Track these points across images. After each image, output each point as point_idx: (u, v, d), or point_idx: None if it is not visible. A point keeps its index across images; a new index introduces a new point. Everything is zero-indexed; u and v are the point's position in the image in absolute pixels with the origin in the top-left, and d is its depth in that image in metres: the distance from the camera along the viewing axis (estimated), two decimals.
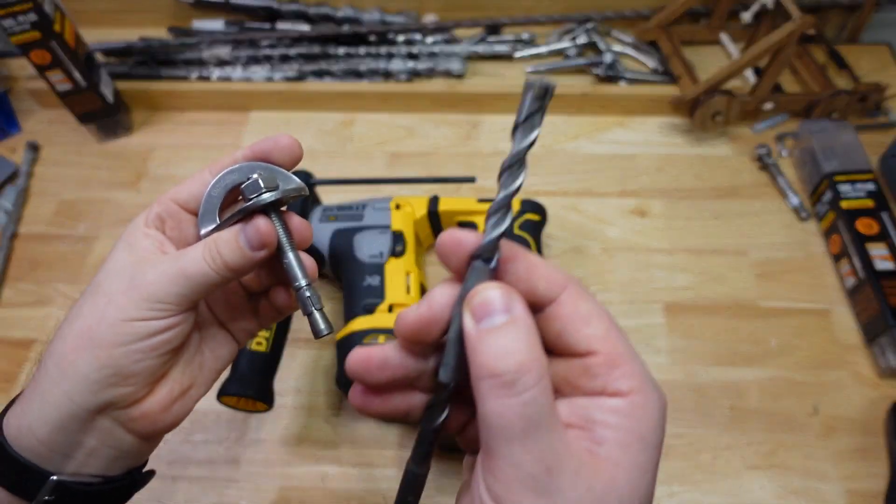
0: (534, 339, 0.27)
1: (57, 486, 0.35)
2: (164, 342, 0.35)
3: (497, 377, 0.25)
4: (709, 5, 0.94)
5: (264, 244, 0.35)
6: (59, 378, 0.34)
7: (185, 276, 0.34)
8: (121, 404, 0.35)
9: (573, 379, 0.28)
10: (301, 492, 0.61)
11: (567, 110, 0.90)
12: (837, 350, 0.68)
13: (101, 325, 0.34)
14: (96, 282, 0.36)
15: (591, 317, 0.28)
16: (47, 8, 0.75)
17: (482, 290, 0.28)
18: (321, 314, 0.37)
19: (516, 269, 0.29)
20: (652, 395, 0.28)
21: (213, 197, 0.37)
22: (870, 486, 0.60)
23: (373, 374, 0.31)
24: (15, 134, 0.91)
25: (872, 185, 0.75)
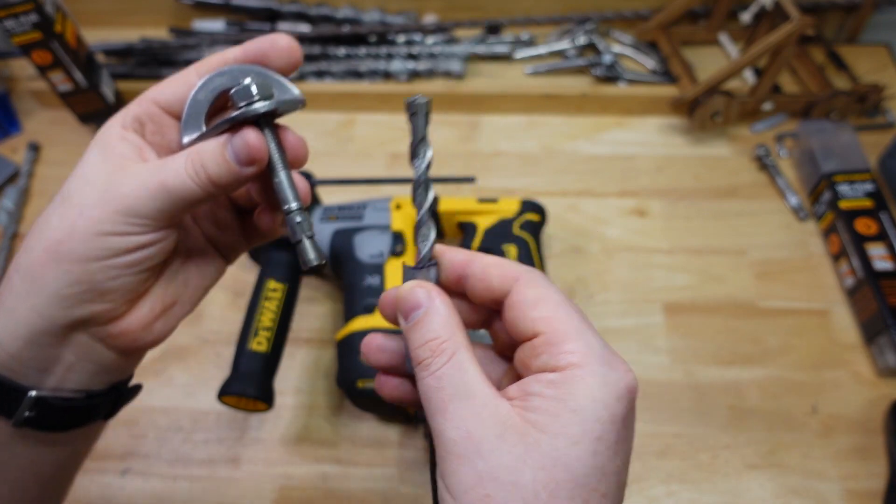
0: (447, 322, 0.30)
1: (36, 401, 0.33)
2: (143, 259, 0.32)
3: (419, 363, 0.29)
4: (708, 6, 0.94)
5: (253, 159, 0.32)
6: (26, 293, 0.32)
7: (166, 190, 0.31)
8: (97, 321, 0.33)
9: (527, 360, 0.30)
10: (301, 491, 0.61)
11: (566, 111, 0.90)
12: (836, 350, 0.68)
13: (72, 238, 0.31)
14: (66, 190, 0.33)
15: (538, 301, 0.30)
16: (48, 8, 0.75)
17: (402, 289, 0.31)
18: (311, 242, 0.34)
19: (473, 271, 0.32)
20: (597, 369, 0.28)
21: (199, 101, 0.34)
22: (869, 486, 0.60)
23: (374, 356, 0.34)
24: (16, 134, 0.91)
25: (871, 186, 0.75)
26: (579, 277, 0.74)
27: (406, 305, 0.31)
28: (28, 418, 0.33)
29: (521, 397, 0.28)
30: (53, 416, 0.34)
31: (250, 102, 0.32)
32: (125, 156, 0.33)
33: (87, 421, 0.36)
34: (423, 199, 0.32)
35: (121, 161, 0.32)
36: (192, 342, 0.70)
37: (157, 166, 0.32)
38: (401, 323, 0.32)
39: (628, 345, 0.69)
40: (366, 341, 0.35)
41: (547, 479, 0.26)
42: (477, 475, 0.26)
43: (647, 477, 0.61)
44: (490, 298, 0.32)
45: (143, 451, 0.63)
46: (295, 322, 0.65)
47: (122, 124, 0.34)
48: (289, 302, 0.63)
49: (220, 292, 0.74)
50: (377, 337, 0.35)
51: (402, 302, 0.31)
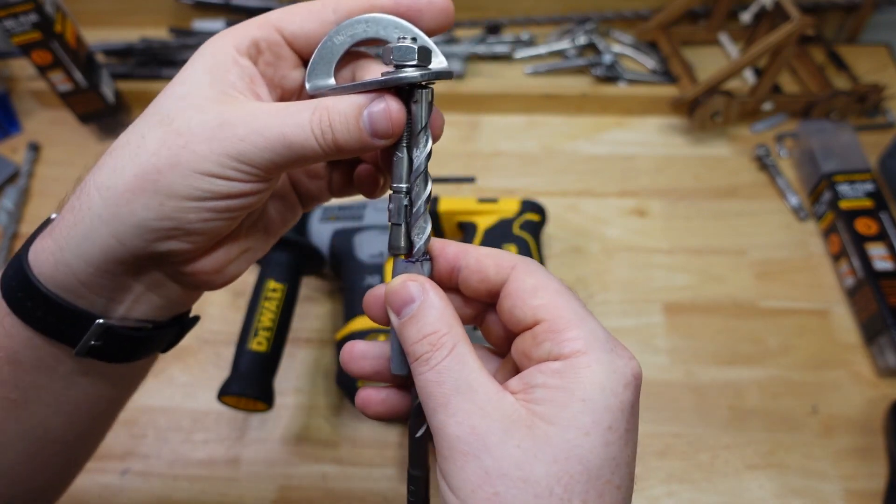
0: (444, 315, 0.29)
1: (104, 330, 0.32)
2: (241, 206, 0.30)
3: (417, 359, 0.28)
4: (708, 6, 0.94)
5: (390, 133, 0.29)
6: (108, 217, 0.29)
7: (285, 144, 0.28)
8: (175, 258, 0.31)
9: (528, 350, 0.29)
10: (301, 491, 0.61)
11: (566, 111, 0.90)
12: (836, 350, 0.68)
13: (173, 171, 0.28)
14: (165, 109, 0.29)
15: (537, 289, 0.29)
16: (48, 8, 0.75)
17: (392, 284, 0.30)
18: (405, 229, 0.31)
19: (468, 263, 0.31)
20: (602, 356, 0.27)
21: (334, 45, 0.30)
22: (869, 486, 0.60)
23: (356, 364, 0.33)
24: (16, 134, 0.91)
25: (871, 186, 0.75)
26: (579, 277, 0.74)
27: (398, 300, 0.30)
28: (93, 347, 0.32)
29: (524, 390, 0.27)
30: (118, 347, 0.33)
31: (409, 66, 0.28)
32: (236, 87, 0.30)
33: (148, 352, 0.35)
34: (422, 190, 0.31)
35: (232, 92, 0.30)
36: (192, 342, 0.70)
37: (277, 113, 0.29)
38: (392, 320, 0.30)
39: (628, 345, 0.67)
40: (345, 350, 0.33)
41: (560, 473, 0.25)
42: (484, 472, 0.25)
43: (647, 477, 0.61)
44: (485, 290, 0.31)
45: (143, 451, 0.63)
46: (295, 322, 0.65)
47: (236, 45, 0.30)
48: (289, 302, 0.63)
49: (219, 292, 0.74)
50: (357, 344, 0.33)
51: (393, 297, 0.30)
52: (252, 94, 0.30)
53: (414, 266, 0.31)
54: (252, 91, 0.30)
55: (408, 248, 0.31)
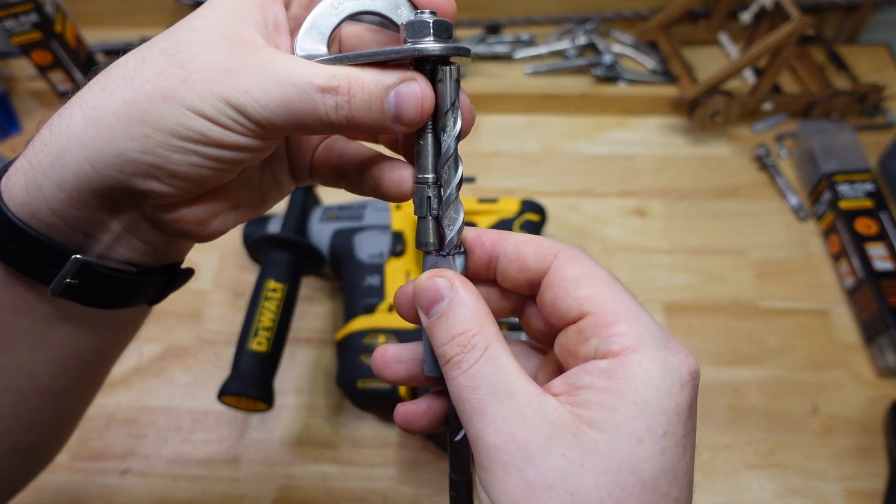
0: (476, 313, 0.26)
1: (81, 267, 0.29)
2: (232, 160, 0.28)
3: (448, 361, 0.26)
4: (708, 6, 0.94)
5: (417, 121, 0.27)
6: (87, 140, 0.26)
7: (289, 109, 0.26)
8: (153, 200, 0.28)
9: (573, 347, 0.26)
10: (301, 491, 0.61)
11: (566, 111, 0.90)
12: (836, 350, 0.68)
13: (166, 103, 0.26)
14: (173, 38, 0.27)
15: (581, 279, 0.27)
16: (48, 8, 0.75)
17: (419, 280, 0.28)
18: (434, 223, 0.29)
19: (506, 251, 0.29)
20: (655, 353, 0.24)
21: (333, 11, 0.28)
22: (868, 486, 0.60)
23: (390, 369, 0.31)
24: (16, 134, 0.91)
25: (871, 186, 0.75)
26: None
27: (426, 298, 0.27)
28: (69, 286, 0.29)
29: (568, 392, 0.25)
30: (99, 288, 0.30)
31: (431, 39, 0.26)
32: (258, 24, 0.28)
33: (132, 300, 0.33)
34: (452, 175, 0.28)
35: (251, 35, 0.27)
36: (192, 342, 0.70)
37: (289, 71, 0.26)
38: (422, 319, 0.28)
39: None
40: (377, 355, 0.31)
41: (611, 485, 0.23)
42: (527, 484, 0.23)
43: None
44: (525, 281, 0.28)
45: (143, 451, 0.63)
46: (295, 322, 0.65)
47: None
48: (289, 302, 0.63)
49: (220, 292, 0.74)
50: (389, 348, 0.31)
51: (421, 295, 0.27)
52: (272, 43, 0.28)
53: (445, 260, 0.29)
54: (272, 39, 0.28)
55: (438, 243, 0.29)
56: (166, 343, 0.70)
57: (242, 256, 0.75)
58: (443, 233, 0.29)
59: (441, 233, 0.29)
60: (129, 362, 0.69)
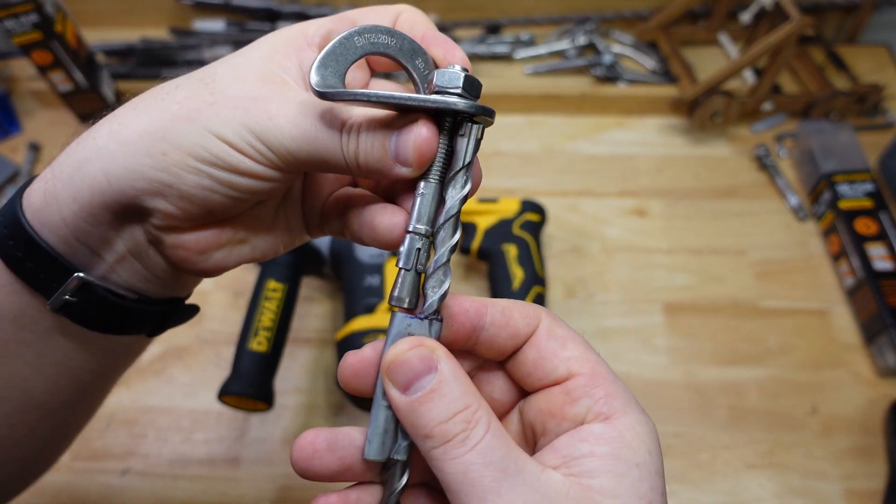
0: (469, 387, 0.25)
1: (81, 286, 0.29)
2: (246, 189, 0.28)
3: (448, 441, 0.24)
4: (708, 6, 0.94)
5: (412, 163, 0.26)
6: (107, 152, 0.27)
7: (312, 143, 0.26)
8: (158, 220, 0.28)
9: (556, 410, 0.26)
10: (301, 491, 0.61)
11: (566, 111, 0.90)
12: (836, 350, 0.68)
13: (189, 124, 0.26)
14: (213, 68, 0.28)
15: (567, 340, 0.27)
16: (48, 9, 0.75)
17: (396, 351, 0.25)
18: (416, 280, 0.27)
19: (493, 317, 0.27)
20: (640, 416, 0.25)
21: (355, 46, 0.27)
22: (868, 485, 0.60)
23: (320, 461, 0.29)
24: (16, 134, 0.91)
25: (871, 186, 0.75)
26: (579, 277, 0.74)
27: (406, 373, 0.25)
28: (68, 304, 0.29)
29: (566, 464, 0.24)
30: (96, 310, 0.30)
31: (457, 93, 0.26)
32: (290, 73, 0.28)
33: (129, 328, 0.32)
34: (449, 236, 0.27)
35: (283, 76, 0.28)
36: (192, 342, 0.70)
37: (317, 113, 0.27)
38: (391, 395, 0.25)
39: (628, 345, 0.69)
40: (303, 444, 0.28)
41: None
42: None
43: None
44: (512, 346, 0.28)
45: (143, 451, 0.63)
46: (295, 322, 0.65)
47: (308, 34, 0.29)
48: (289, 302, 0.63)
49: (220, 292, 0.74)
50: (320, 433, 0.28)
51: (399, 368, 0.25)
52: (305, 86, 0.28)
53: (421, 325, 0.26)
54: (307, 83, 0.28)
55: (415, 302, 0.27)
56: (166, 343, 0.70)
57: None
58: (422, 294, 0.27)
59: (420, 293, 0.27)
60: None
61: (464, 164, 0.27)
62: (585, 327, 0.70)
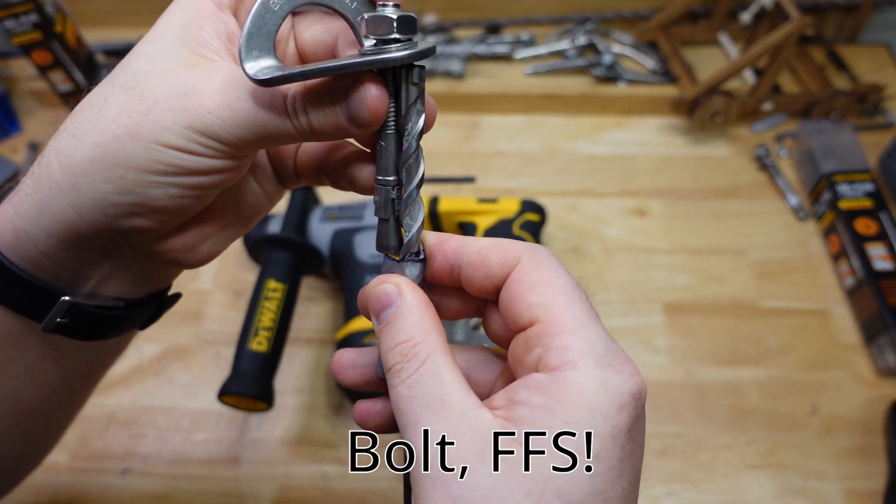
0: (422, 322, 0.26)
1: (70, 307, 0.29)
2: (209, 184, 0.27)
3: (390, 369, 0.26)
4: (708, 6, 0.94)
5: (368, 122, 0.26)
6: (67, 187, 0.26)
7: (259, 125, 0.26)
8: (141, 236, 0.29)
9: (520, 355, 0.26)
10: (301, 491, 0.61)
11: (566, 111, 0.90)
12: (836, 350, 0.68)
13: (134, 142, 0.25)
14: (131, 71, 0.27)
15: (538, 284, 0.26)
16: (48, 9, 0.75)
17: (370, 287, 0.28)
18: (395, 225, 0.28)
19: (469, 258, 0.28)
20: (594, 372, 0.23)
21: (273, 11, 0.26)
22: (868, 486, 0.60)
23: (346, 373, 0.31)
24: (16, 134, 0.91)
25: (871, 186, 0.75)
26: (579, 277, 0.74)
27: (375, 304, 0.27)
28: (60, 325, 0.30)
29: (507, 406, 0.24)
30: (88, 325, 0.31)
31: (394, 44, 0.25)
32: (211, 46, 0.27)
33: (122, 330, 0.33)
34: (413, 174, 0.27)
35: (206, 53, 0.27)
36: (192, 342, 0.70)
37: (255, 93, 0.26)
38: (373, 323, 0.28)
39: (628, 345, 0.69)
40: (335, 360, 0.32)
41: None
42: (451, 501, 0.22)
43: (647, 477, 0.61)
44: (491, 286, 0.28)
45: (143, 451, 0.63)
46: (295, 322, 0.65)
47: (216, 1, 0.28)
48: (289, 302, 0.63)
49: (220, 292, 0.74)
50: (347, 352, 0.31)
51: (370, 300, 0.28)
52: (230, 56, 0.27)
53: (399, 266, 0.28)
54: (230, 52, 0.27)
55: (399, 246, 0.29)
56: (166, 343, 0.70)
57: (242, 256, 0.75)
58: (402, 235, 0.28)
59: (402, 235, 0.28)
60: (129, 362, 0.69)
61: (409, 105, 0.27)
62: None
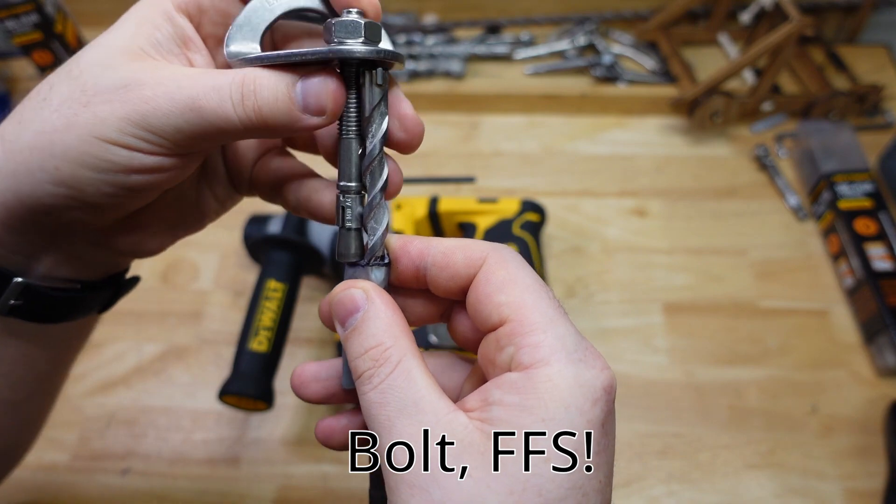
0: (391, 326, 0.25)
1: (24, 289, 0.29)
2: (149, 183, 0.27)
3: (360, 375, 0.25)
4: (708, 6, 0.94)
5: (325, 109, 0.26)
6: (8, 173, 0.26)
7: (197, 111, 0.25)
8: (83, 228, 0.28)
9: (492, 356, 0.26)
10: (301, 491, 0.61)
11: (566, 111, 0.90)
12: (836, 350, 0.68)
13: (70, 133, 0.25)
14: (79, 60, 0.27)
15: (506, 283, 0.26)
16: (49, 9, 0.75)
17: (334, 293, 0.27)
18: (355, 234, 0.28)
19: (433, 259, 0.28)
20: (566, 368, 0.23)
21: (267, 8, 0.26)
22: (868, 485, 0.60)
23: (307, 389, 0.31)
24: None
25: (870, 186, 0.75)
26: (579, 277, 0.74)
27: (341, 310, 0.27)
28: (15, 307, 0.29)
29: (481, 407, 0.24)
30: (44, 307, 0.30)
31: (356, 40, 0.25)
32: (161, 47, 0.27)
33: (81, 312, 0.33)
34: (376, 179, 0.27)
35: (153, 52, 0.26)
36: (192, 342, 0.70)
37: (193, 75, 0.25)
38: (338, 331, 0.27)
39: (628, 345, 0.69)
40: (296, 373, 0.30)
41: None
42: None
43: (647, 477, 0.61)
44: (457, 287, 0.27)
45: (143, 451, 0.63)
46: (295, 322, 0.65)
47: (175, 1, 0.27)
48: (289, 302, 0.63)
49: (220, 292, 0.74)
50: (309, 366, 0.30)
51: (336, 306, 0.27)
52: (181, 59, 0.27)
53: (363, 270, 0.28)
54: (182, 55, 0.27)
55: (360, 253, 0.28)
56: (166, 343, 0.70)
57: (243, 256, 0.75)
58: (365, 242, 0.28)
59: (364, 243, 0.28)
60: (130, 362, 0.69)
61: (373, 107, 0.26)
62: (585, 327, 0.70)
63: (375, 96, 0.27)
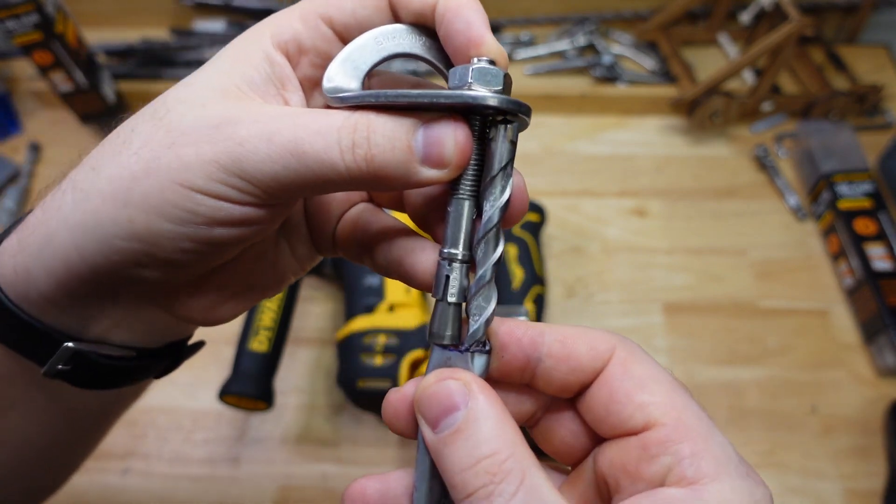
0: (504, 430, 0.21)
1: (74, 354, 0.26)
2: (231, 238, 0.23)
3: (471, 494, 0.20)
4: (708, 6, 0.94)
5: (447, 162, 0.22)
6: (74, 223, 0.23)
7: (298, 156, 0.21)
8: (151, 289, 0.25)
9: (631, 466, 0.22)
10: (301, 491, 0.61)
11: (566, 111, 0.90)
12: (835, 350, 0.68)
13: (150, 179, 0.22)
14: (165, 99, 0.23)
15: (647, 380, 0.22)
16: (49, 9, 0.75)
17: (425, 383, 0.22)
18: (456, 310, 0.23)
19: (550, 349, 0.24)
20: (738, 483, 0.20)
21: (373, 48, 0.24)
22: (868, 485, 0.60)
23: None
24: (17, 134, 0.91)
25: (870, 186, 0.75)
26: (579, 277, 0.74)
27: (434, 407, 0.22)
28: (62, 371, 0.26)
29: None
30: (94, 374, 0.27)
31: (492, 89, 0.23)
32: (255, 85, 0.23)
33: (133, 380, 0.29)
34: (490, 252, 0.23)
35: (248, 91, 0.23)
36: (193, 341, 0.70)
37: (295, 115, 0.22)
38: (425, 434, 0.22)
39: None
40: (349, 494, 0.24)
41: None
42: None
43: None
44: (577, 383, 0.23)
45: (143, 451, 0.63)
46: (295, 322, 0.65)
47: (274, 39, 0.24)
48: (289, 302, 0.63)
49: None
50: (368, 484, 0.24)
51: (428, 402, 0.22)
52: (278, 101, 0.24)
53: (461, 358, 0.23)
54: (279, 96, 0.24)
55: (457, 336, 0.23)
56: None
57: None
58: (465, 323, 0.23)
59: (462, 323, 0.24)
60: None
61: (501, 168, 0.23)
62: None
63: (506, 155, 0.23)
